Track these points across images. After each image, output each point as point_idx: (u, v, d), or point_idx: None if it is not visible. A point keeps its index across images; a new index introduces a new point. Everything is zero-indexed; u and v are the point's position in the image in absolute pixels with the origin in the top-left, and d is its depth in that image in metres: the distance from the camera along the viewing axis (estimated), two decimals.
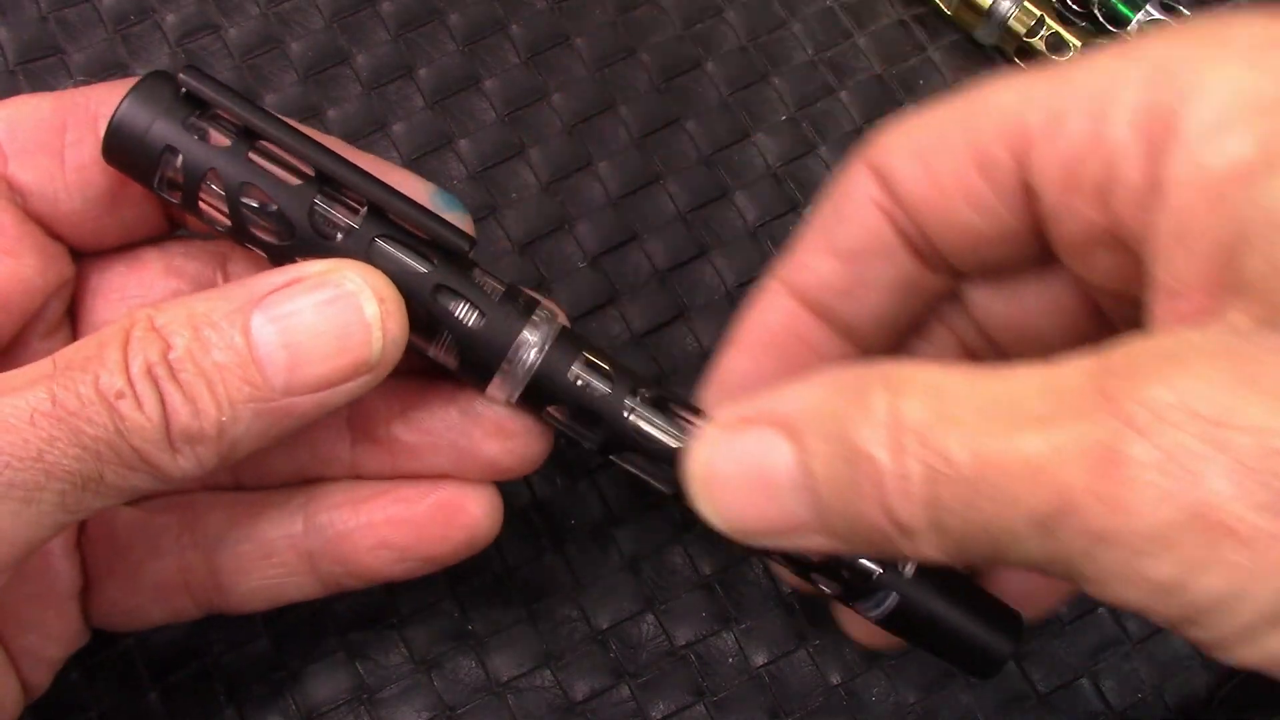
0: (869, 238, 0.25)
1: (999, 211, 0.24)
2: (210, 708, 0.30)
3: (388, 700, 0.31)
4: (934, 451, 0.19)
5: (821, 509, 0.21)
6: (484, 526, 0.27)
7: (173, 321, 0.23)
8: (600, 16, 0.37)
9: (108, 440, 0.22)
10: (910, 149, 0.25)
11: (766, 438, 0.22)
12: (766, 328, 0.27)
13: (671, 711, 0.31)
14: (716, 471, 0.23)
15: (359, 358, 0.24)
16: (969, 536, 0.20)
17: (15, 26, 0.36)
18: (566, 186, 0.35)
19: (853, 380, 0.21)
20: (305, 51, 0.37)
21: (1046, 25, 0.36)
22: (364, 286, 0.24)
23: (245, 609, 0.28)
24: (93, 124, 0.26)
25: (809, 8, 0.38)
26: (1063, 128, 0.22)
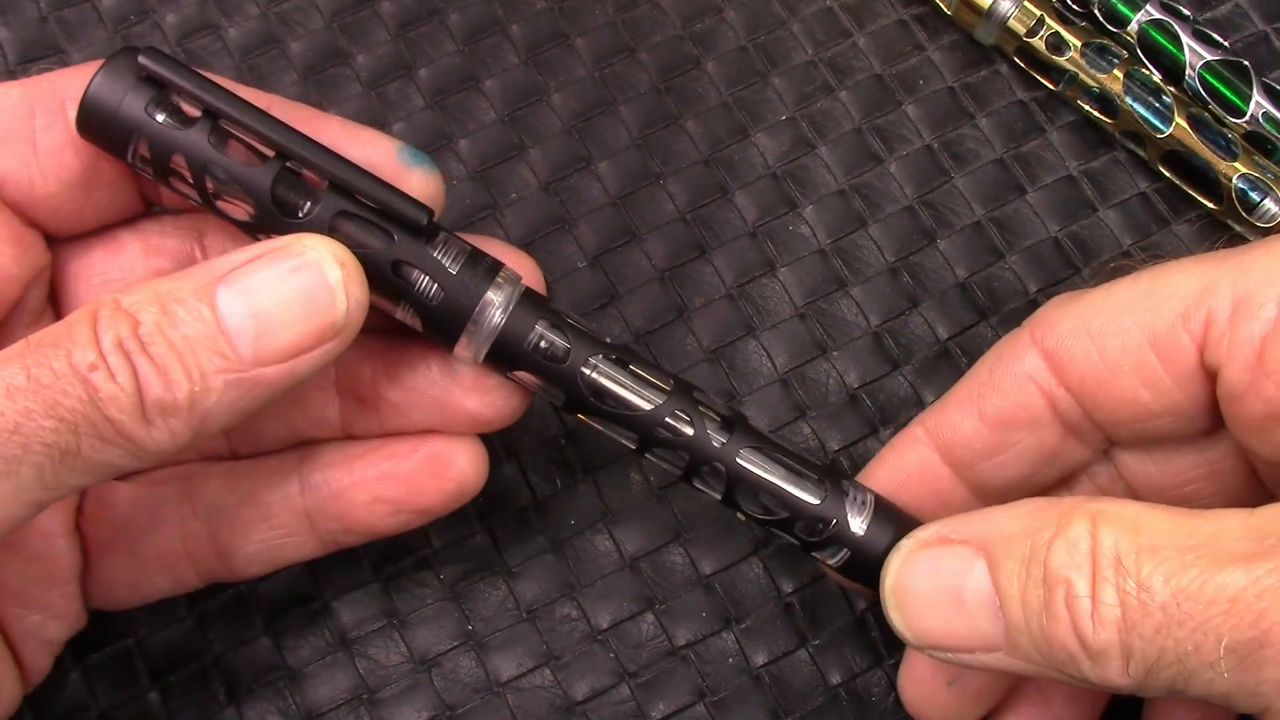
0: (1020, 411, 0.27)
1: (1172, 391, 0.26)
2: (210, 708, 0.30)
3: (388, 700, 0.31)
4: (1133, 579, 0.21)
5: (1011, 629, 0.23)
6: (471, 477, 0.28)
7: (140, 300, 0.23)
8: (600, 16, 0.37)
9: (83, 412, 0.22)
10: (1082, 329, 0.26)
11: (963, 556, 0.24)
12: (902, 470, 0.28)
13: (671, 711, 0.31)
14: (910, 585, 0.25)
15: (325, 321, 0.24)
16: (1160, 664, 0.21)
17: (15, 26, 0.36)
18: (566, 186, 0.35)
19: (1053, 509, 0.23)
20: (305, 51, 0.37)
21: (1046, 25, 0.36)
22: (325, 254, 0.24)
23: (247, 574, 0.29)
24: (61, 108, 0.26)
25: (809, 7, 0.38)
26: (1252, 312, 0.24)
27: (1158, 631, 0.21)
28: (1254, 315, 0.24)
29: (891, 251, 0.35)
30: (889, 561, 0.25)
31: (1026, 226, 0.35)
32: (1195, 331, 0.25)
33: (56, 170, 0.26)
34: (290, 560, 0.29)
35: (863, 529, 0.26)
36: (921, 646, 0.25)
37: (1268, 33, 0.38)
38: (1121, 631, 0.21)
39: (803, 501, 0.27)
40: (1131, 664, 0.21)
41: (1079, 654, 0.22)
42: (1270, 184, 0.34)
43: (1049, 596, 0.22)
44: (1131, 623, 0.21)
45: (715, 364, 0.34)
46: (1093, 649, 0.21)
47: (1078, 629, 0.21)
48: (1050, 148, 0.36)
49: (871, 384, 0.34)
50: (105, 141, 0.25)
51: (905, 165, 0.36)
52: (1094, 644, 0.21)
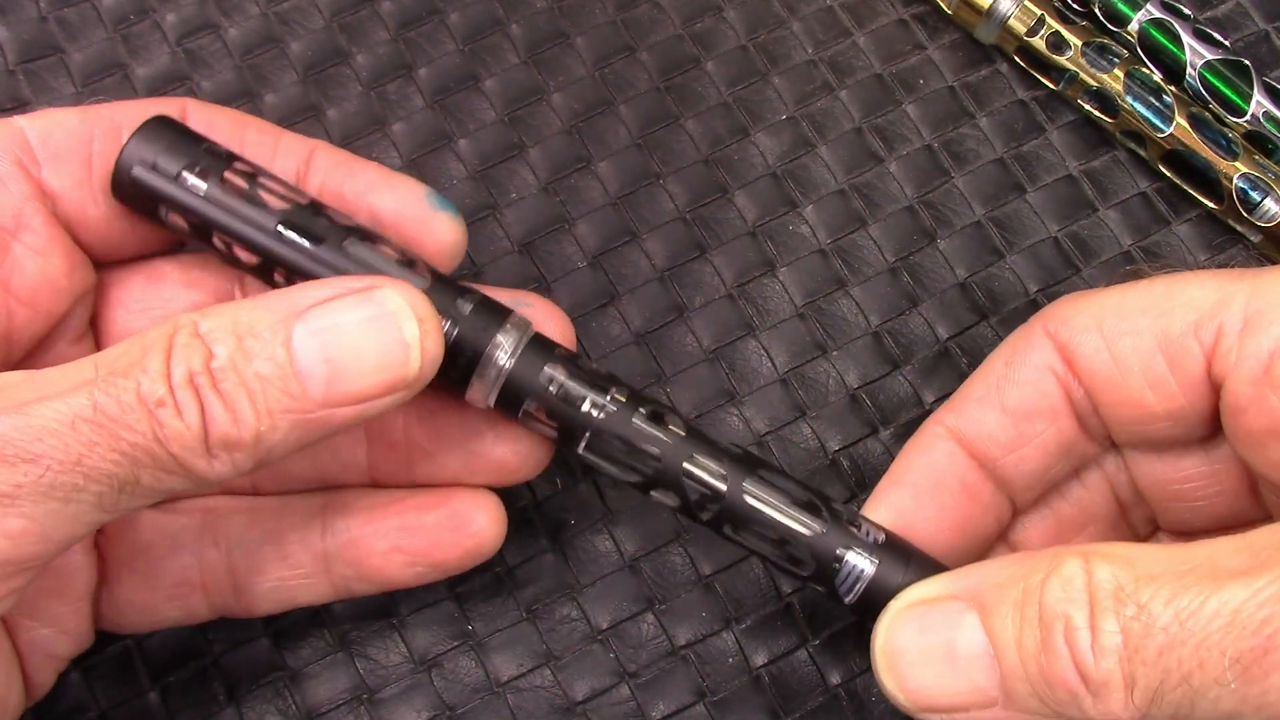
0: (1040, 400, 0.27)
1: (1177, 396, 0.26)
2: (210, 708, 0.30)
3: (388, 700, 0.31)
4: (1133, 607, 0.21)
5: (1008, 678, 0.22)
6: (489, 537, 0.28)
7: (216, 329, 0.23)
8: (600, 16, 0.37)
9: (146, 446, 0.22)
10: (1095, 327, 0.27)
11: (953, 610, 0.24)
12: (931, 468, 0.28)
13: (671, 711, 0.31)
14: (900, 645, 0.24)
15: (397, 376, 0.24)
16: (1165, 688, 0.21)
17: (15, 26, 0.36)
18: (566, 186, 0.35)
19: (1040, 556, 0.23)
20: (305, 51, 0.37)
21: (1047, 24, 0.36)
22: (404, 306, 0.24)
23: (257, 611, 0.29)
24: (116, 135, 0.27)
25: (809, 7, 0.38)
26: (1262, 328, 0.25)
27: (1161, 654, 0.21)
28: (1263, 331, 0.25)
29: (891, 251, 0.35)
30: (878, 624, 0.25)
31: (1026, 226, 0.35)
32: (1205, 341, 0.25)
33: (108, 194, 0.27)
34: (302, 603, 0.29)
35: (873, 568, 0.26)
36: (915, 709, 0.24)
37: (1268, 31, 0.38)
38: (1124, 660, 0.21)
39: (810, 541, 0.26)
40: (1136, 693, 0.21)
41: (1080, 690, 0.21)
42: (1271, 183, 0.34)
43: (1046, 635, 0.22)
44: (1134, 649, 0.21)
45: (715, 364, 0.34)
46: (1095, 681, 0.21)
47: (1079, 663, 0.21)
48: (1050, 147, 0.36)
49: (871, 384, 0.34)
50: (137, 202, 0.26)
51: (905, 165, 0.36)
52: (1096, 676, 0.21)
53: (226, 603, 0.29)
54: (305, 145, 0.28)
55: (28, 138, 0.27)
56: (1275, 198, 0.34)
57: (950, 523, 0.27)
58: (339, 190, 0.28)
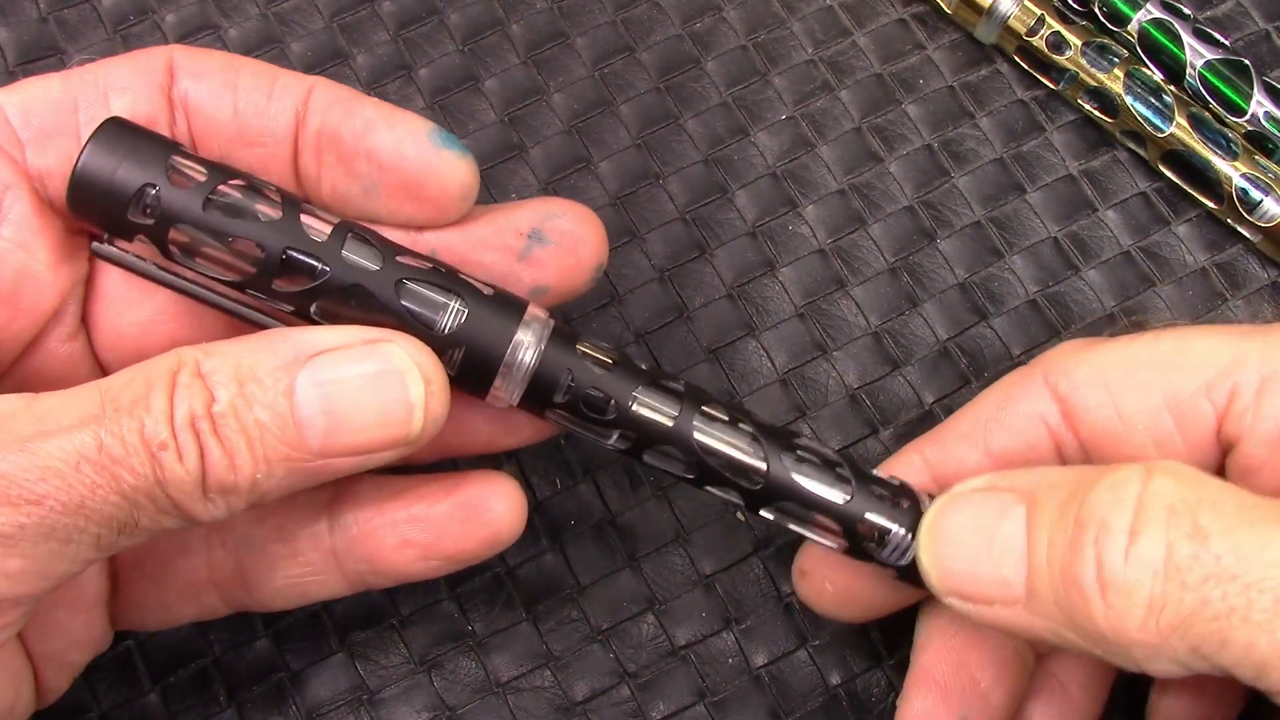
0: (1027, 450, 0.27)
1: (1181, 456, 0.25)
2: (211, 708, 0.30)
3: (388, 700, 0.31)
4: (1189, 526, 0.20)
5: (1033, 574, 0.22)
6: (506, 524, 0.27)
7: (219, 371, 0.23)
8: (600, 16, 0.37)
9: (146, 490, 0.22)
10: (1099, 380, 0.26)
11: (1004, 502, 0.23)
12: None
13: (671, 711, 0.31)
14: (945, 525, 0.24)
15: (398, 434, 0.24)
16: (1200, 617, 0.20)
17: (15, 26, 0.36)
18: (566, 186, 0.35)
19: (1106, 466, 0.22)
20: (305, 51, 0.37)
21: (1047, 24, 0.36)
22: (411, 366, 0.24)
23: (273, 607, 0.28)
24: (104, 100, 0.25)
25: (808, 6, 0.38)
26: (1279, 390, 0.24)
27: (1206, 581, 0.20)
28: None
29: (891, 251, 0.35)
30: (934, 503, 0.25)
31: (1026, 226, 0.35)
32: (1218, 402, 0.25)
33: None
34: (317, 598, 0.28)
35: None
36: (944, 592, 0.24)
37: (1269, 31, 0.38)
38: (1159, 576, 0.20)
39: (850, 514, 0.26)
40: (1164, 614, 0.20)
41: (1095, 596, 0.21)
42: (1271, 183, 0.34)
43: (1078, 534, 0.21)
44: (1176, 567, 0.20)
45: (715, 364, 0.34)
46: (1116, 588, 0.20)
47: (1102, 565, 0.21)
48: (1050, 147, 0.36)
49: (871, 384, 0.34)
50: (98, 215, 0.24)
51: (905, 165, 0.36)
52: (1121, 582, 0.20)
53: (240, 599, 0.28)
54: (302, 83, 0.27)
55: (7, 115, 0.25)
56: (1275, 198, 0.34)
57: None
58: (336, 131, 0.26)
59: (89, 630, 0.27)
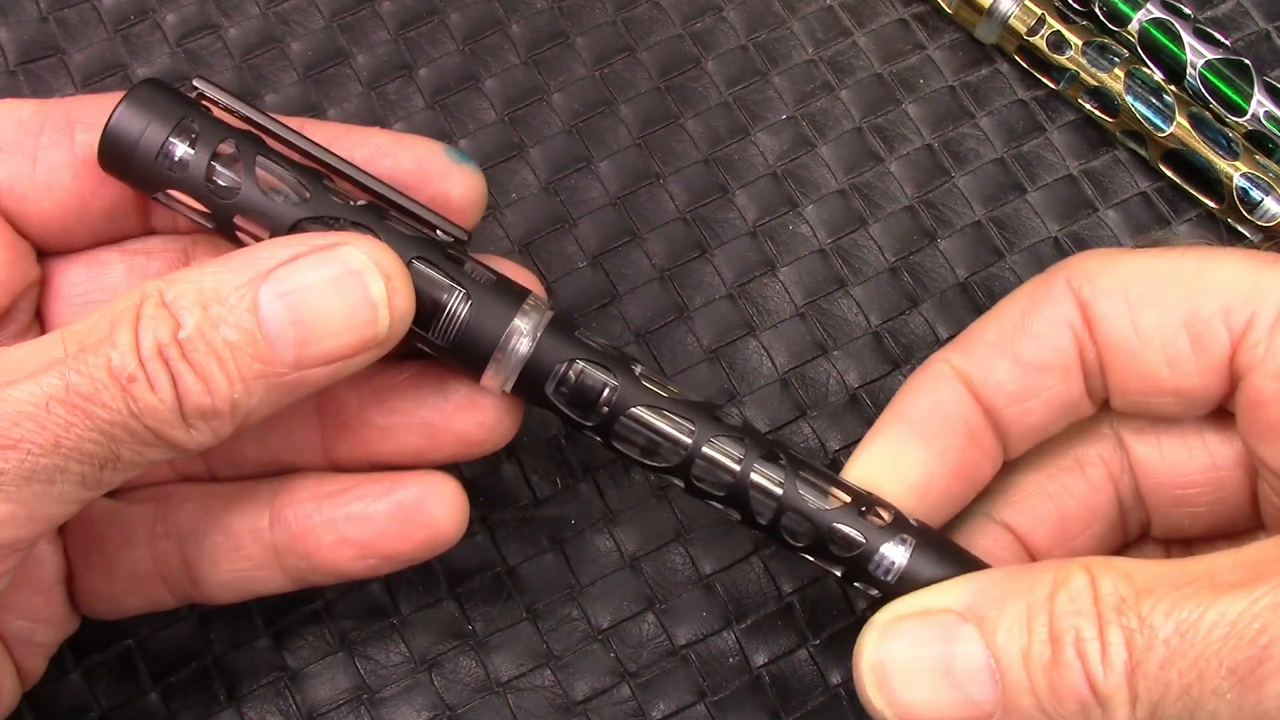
0: (1055, 356, 0.27)
1: (1192, 377, 0.25)
2: (210, 708, 0.30)
3: (388, 700, 0.31)
4: (1137, 620, 0.21)
5: (1011, 692, 0.22)
6: (446, 527, 0.27)
7: (182, 297, 0.23)
8: (600, 16, 0.37)
9: (122, 422, 0.22)
10: (1120, 291, 0.26)
11: (948, 623, 0.23)
12: (938, 407, 0.27)
13: (671, 711, 0.31)
14: (891, 659, 0.24)
15: (366, 335, 0.24)
16: (1166, 700, 0.21)
17: (15, 26, 0.36)
18: (566, 186, 0.35)
19: (1036, 570, 0.23)
20: (305, 51, 0.37)
21: (1047, 24, 0.36)
22: (369, 263, 0.24)
23: (218, 600, 0.28)
24: (69, 129, 0.26)
25: (809, 6, 0.38)
26: None
27: (1162, 667, 0.21)
28: None
29: (892, 251, 0.35)
30: (863, 638, 0.24)
31: (1027, 226, 0.35)
32: (1235, 328, 0.25)
33: (51, 189, 0.26)
34: (260, 593, 0.28)
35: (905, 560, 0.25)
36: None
37: (1269, 31, 0.38)
38: (1128, 673, 0.21)
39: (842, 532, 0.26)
40: (1139, 706, 0.21)
41: (1090, 703, 0.21)
42: (1271, 183, 0.34)
43: (1057, 649, 0.21)
44: (1137, 662, 0.21)
45: (715, 364, 0.34)
46: (1103, 695, 0.21)
47: (1090, 675, 0.21)
48: (1051, 147, 0.36)
49: (872, 384, 0.34)
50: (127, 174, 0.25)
51: (905, 164, 0.36)
52: (1104, 689, 0.21)
53: (187, 592, 0.28)
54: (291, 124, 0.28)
55: None
56: (1276, 197, 0.34)
57: (952, 466, 0.27)
58: (351, 158, 0.27)
59: (50, 609, 0.27)
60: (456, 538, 0.27)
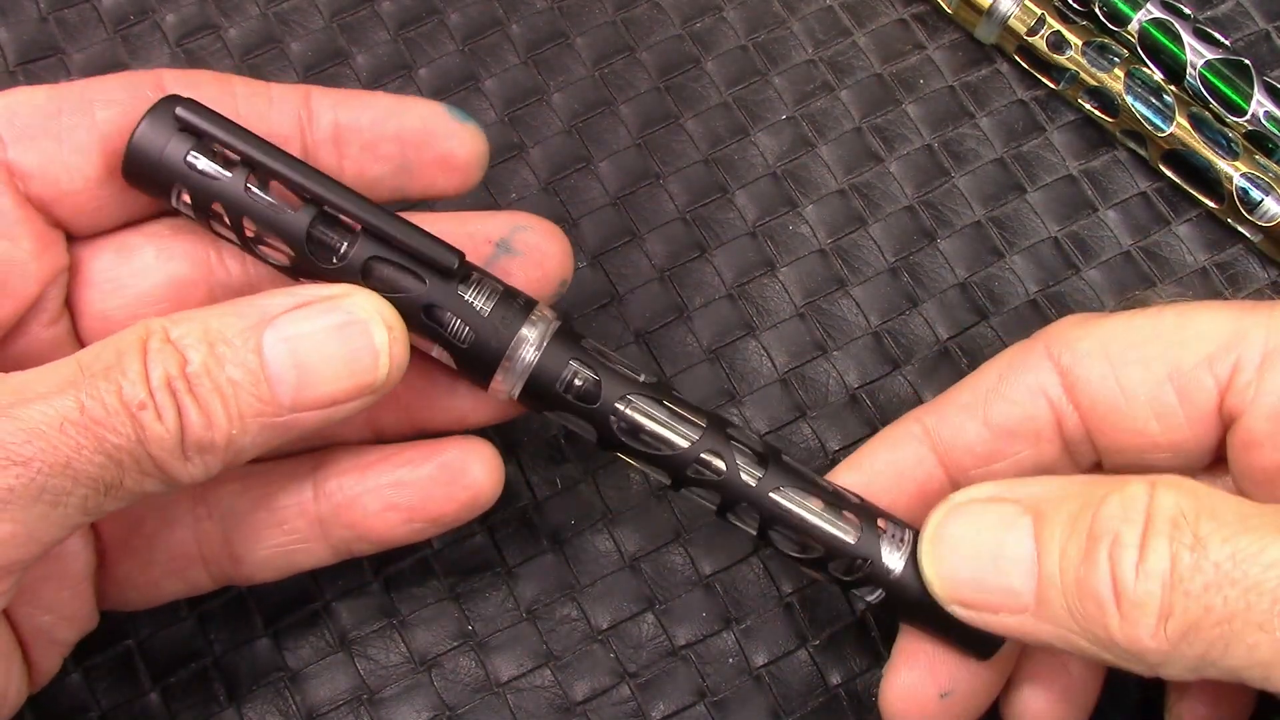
0: (1026, 422, 0.27)
1: (1183, 429, 0.26)
2: (211, 708, 0.30)
3: (388, 700, 0.31)
4: (1189, 536, 0.21)
5: (1044, 584, 0.23)
6: (486, 487, 0.28)
7: (188, 335, 0.24)
8: (600, 16, 0.37)
9: (129, 449, 0.23)
10: (1101, 353, 0.26)
11: (1009, 513, 0.24)
12: (896, 465, 0.28)
13: (671, 711, 0.31)
14: (949, 534, 0.24)
15: (365, 381, 0.25)
16: (1203, 624, 0.21)
17: (15, 26, 0.36)
18: (566, 186, 0.35)
19: (1109, 478, 0.23)
20: (305, 51, 0.37)
21: (1047, 24, 0.36)
22: (374, 313, 0.25)
23: (260, 578, 0.29)
24: (88, 108, 0.26)
25: (808, 6, 0.38)
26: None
27: (1206, 589, 0.21)
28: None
29: (891, 251, 0.35)
30: (933, 512, 0.25)
31: (1026, 226, 0.35)
32: (1220, 375, 0.25)
33: (82, 168, 0.26)
34: (303, 567, 0.29)
35: (899, 566, 0.26)
36: (947, 599, 0.24)
37: (1269, 31, 0.38)
38: (1166, 586, 0.21)
39: (838, 540, 0.26)
40: (1170, 623, 0.21)
41: (1110, 607, 0.21)
42: (1271, 183, 0.34)
43: (1091, 546, 0.22)
44: (1179, 577, 0.21)
45: (715, 364, 0.34)
46: (1129, 601, 0.21)
47: (1116, 579, 0.21)
48: (1050, 147, 0.36)
49: (871, 384, 0.34)
50: (150, 186, 0.26)
51: (905, 165, 0.36)
52: (1132, 596, 0.21)
53: (226, 572, 0.29)
54: (298, 90, 0.28)
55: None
56: (1276, 197, 0.34)
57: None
58: (356, 123, 0.28)
59: (75, 605, 0.27)
60: (495, 497, 0.28)
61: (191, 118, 0.25)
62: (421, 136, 0.28)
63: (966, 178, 0.36)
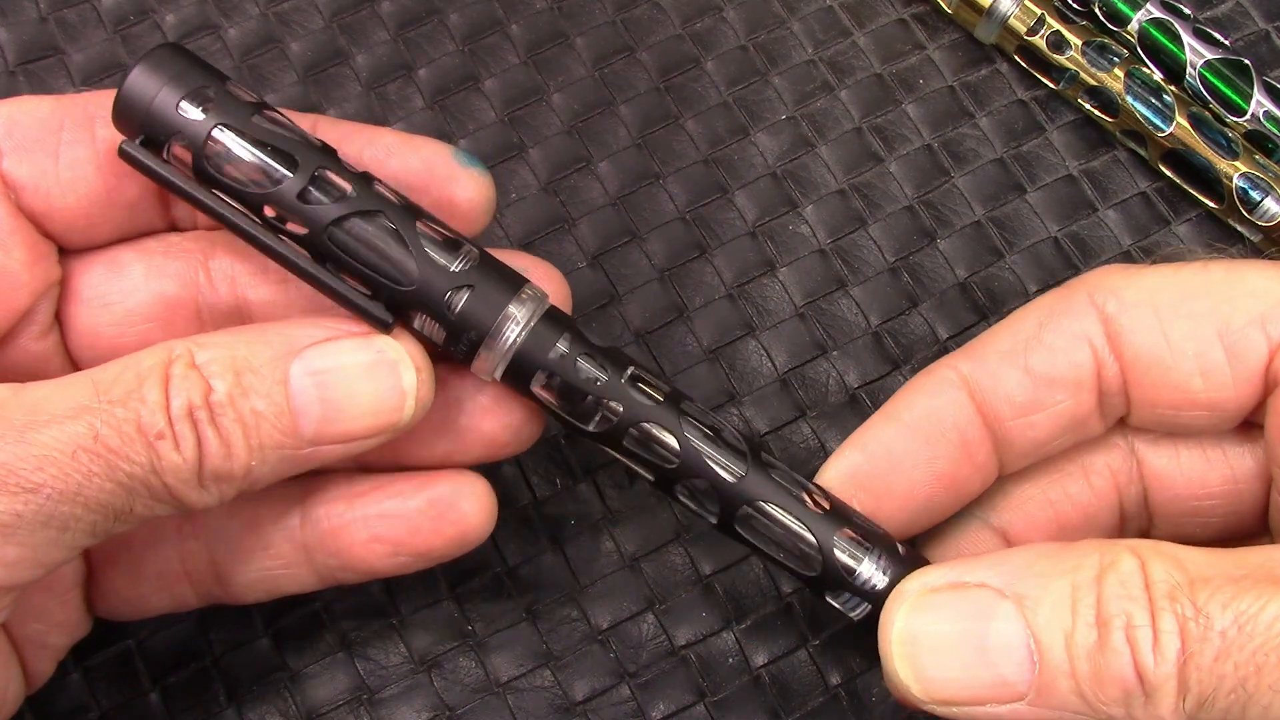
0: (1069, 370, 0.26)
1: (1226, 388, 0.25)
2: (210, 708, 0.30)
3: (388, 700, 0.31)
4: (1192, 609, 0.21)
5: (1049, 673, 0.22)
6: (476, 524, 0.27)
7: (214, 362, 0.23)
8: (600, 16, 0.37)
9: (143, 478, 0.22)
10: (1148, 303, 0.25)
11: (984, 599, 0.22)
12: (934, 413, 0.27)
13: (671, 711, 0.31)
14: (923, 632, 0.23)
15: (389, 421, 0.25)
16: (1218, 693, 0.21)
17: (15, 27, 0.36)
18: (566, 186, 0.35)
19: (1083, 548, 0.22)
20: (305, 51, 0.37)
21: (1047, 24, 0.36)
22: (405, 356, 0.25)
23: (244, 599, 0.29)
24: (89, 124, 0.26)
25: (809, 7, 0.38)
26: None
27: (1217, 659, 0.20)
28: None
29: (891, 251, 0.35)
30: (891, 609, 0.23)
31: (1026, 226, 0.35)
32: (1273, 335, 0.25)
33: (75, 184, 0.26)
34: (288, 591, 0.28)
35: (885, 581, 0.25)
36: (929, 701, 0.23)
37: (1269, 31, 0.38)
38: (1180, 663, 0.20)
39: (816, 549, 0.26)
40: (1188, 699, 0.21)
41: (1136, 691, 0.21)
42: (1271, 183, 0.34)
43: (1104, 634, 0.21)
44: (1190, 653, 0.20)
45: (715, 364, 0.34)
46: (1150, 684, 0.21)
47: (1139, 663, 0.21)
48: (1050, 147, 0.36)
49: (872, 384, 0.34)
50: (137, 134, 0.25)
51: (905, 165, 0.36)
52: (1153, 679, 0.21)
53: (212, 591, 0.28)
54: (305, 119, 0.28)
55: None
56: (1275, 197, 0.34)
57: (937, 474, 0.26)
58: (359, 157, 0.27)
59: (66, 613, 0.27)
60: (485, 535, 0.28)
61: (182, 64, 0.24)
62: (424, 180, 0.27)
63: (966, 178, 0.36)
